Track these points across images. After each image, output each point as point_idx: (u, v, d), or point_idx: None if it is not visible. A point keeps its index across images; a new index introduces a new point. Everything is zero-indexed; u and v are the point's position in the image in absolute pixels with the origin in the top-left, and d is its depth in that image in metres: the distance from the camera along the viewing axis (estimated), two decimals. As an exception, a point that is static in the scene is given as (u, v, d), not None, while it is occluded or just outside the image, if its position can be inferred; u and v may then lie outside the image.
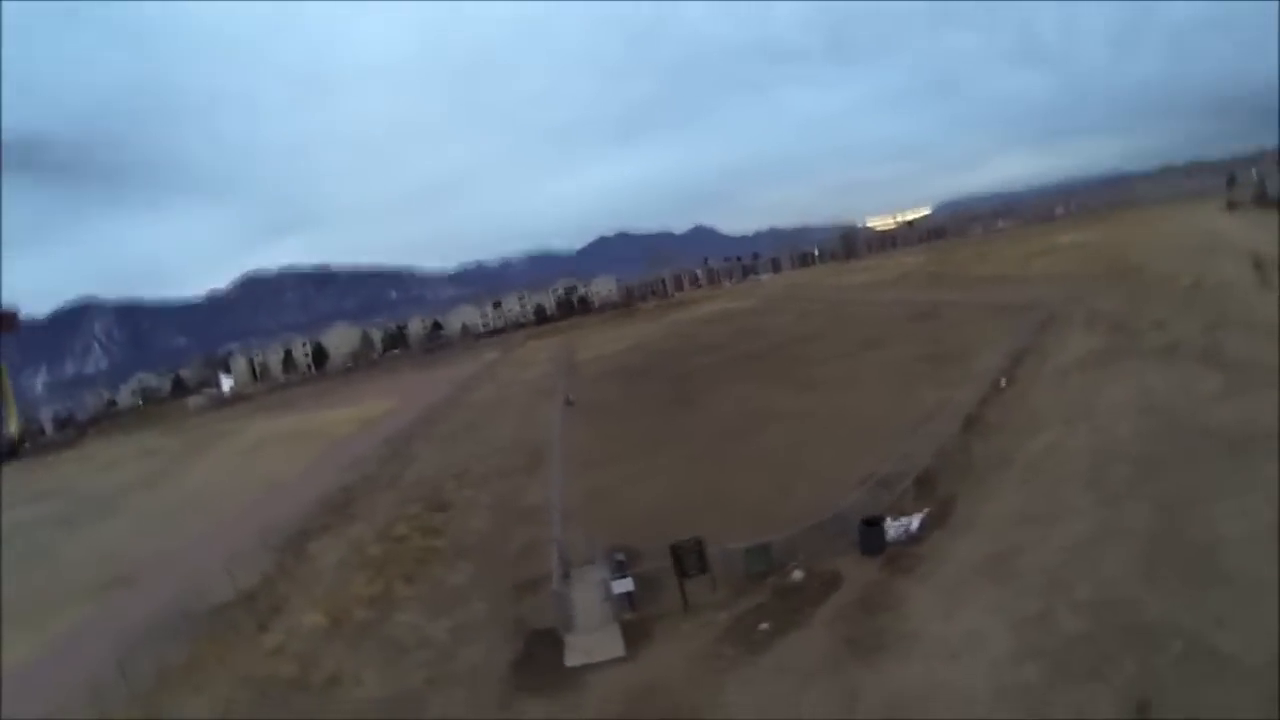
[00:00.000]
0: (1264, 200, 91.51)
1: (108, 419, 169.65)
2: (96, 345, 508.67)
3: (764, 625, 15.52)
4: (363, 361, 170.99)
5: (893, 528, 18.46)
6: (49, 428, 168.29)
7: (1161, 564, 14.54)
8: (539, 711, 14.21)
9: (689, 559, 16.91)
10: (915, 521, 18.86)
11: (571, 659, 15.71)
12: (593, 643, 16.06)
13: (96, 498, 54.25)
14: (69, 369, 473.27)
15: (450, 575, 22.62)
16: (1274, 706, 10.40)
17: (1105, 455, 20.82)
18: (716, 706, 13.26)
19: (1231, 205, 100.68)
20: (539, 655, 16.13)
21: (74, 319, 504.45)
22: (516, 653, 16.59)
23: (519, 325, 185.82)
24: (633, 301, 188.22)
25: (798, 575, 17.16)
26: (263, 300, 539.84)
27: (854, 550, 17.93)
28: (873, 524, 18.09)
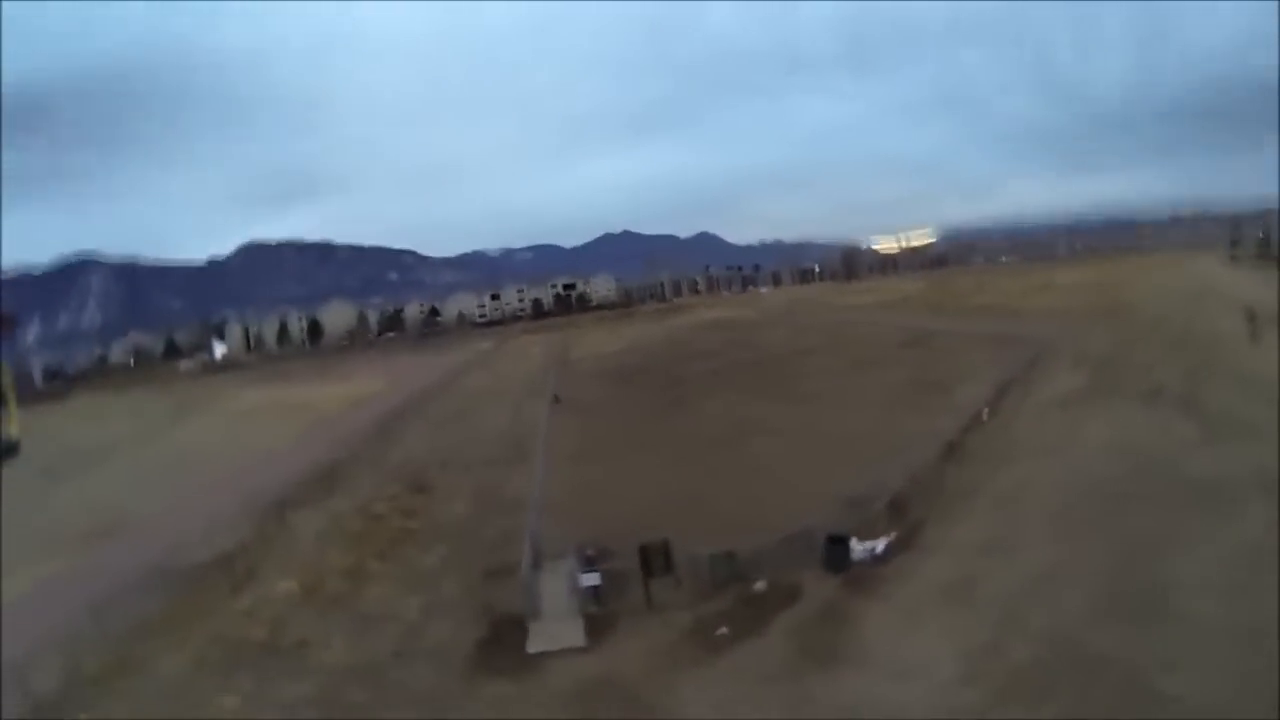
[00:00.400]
0: (1266, 255, 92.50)
1: (98, 375, 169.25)
2: (92, 301, 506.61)
3: (723, 630, 16.03)
4: (358, 340, 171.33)
5: (858, 548, 18.92)
6: (38, 379, 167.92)
7: (1116, 602, 14.97)
8: (498, 691, 14.74)
9: (655, 560, 17.46)
10: (881, 544, 19.35)
11: (534, 645, 16.26)
12: (556, 631, 16.60)
13: (82, 451, 54.39)
14: (63, 322, 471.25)
15: (424, 556, 23.15)
16: None
17: (1076, 491, 21.26)
18: (670, 703, 13.75)
19: (1234, 258, 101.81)
20: (503, 638, 16.68)
21: (72, 273, 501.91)
22: (482, 634, 17.12)
23: (516, 318, 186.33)
24: (631, 303, 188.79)
25: (760, 585, 17.68)
26: (262, 270, 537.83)
27: (819, 566, 18.36)
28: (838, 542, 18.55)
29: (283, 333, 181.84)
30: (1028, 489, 22.41)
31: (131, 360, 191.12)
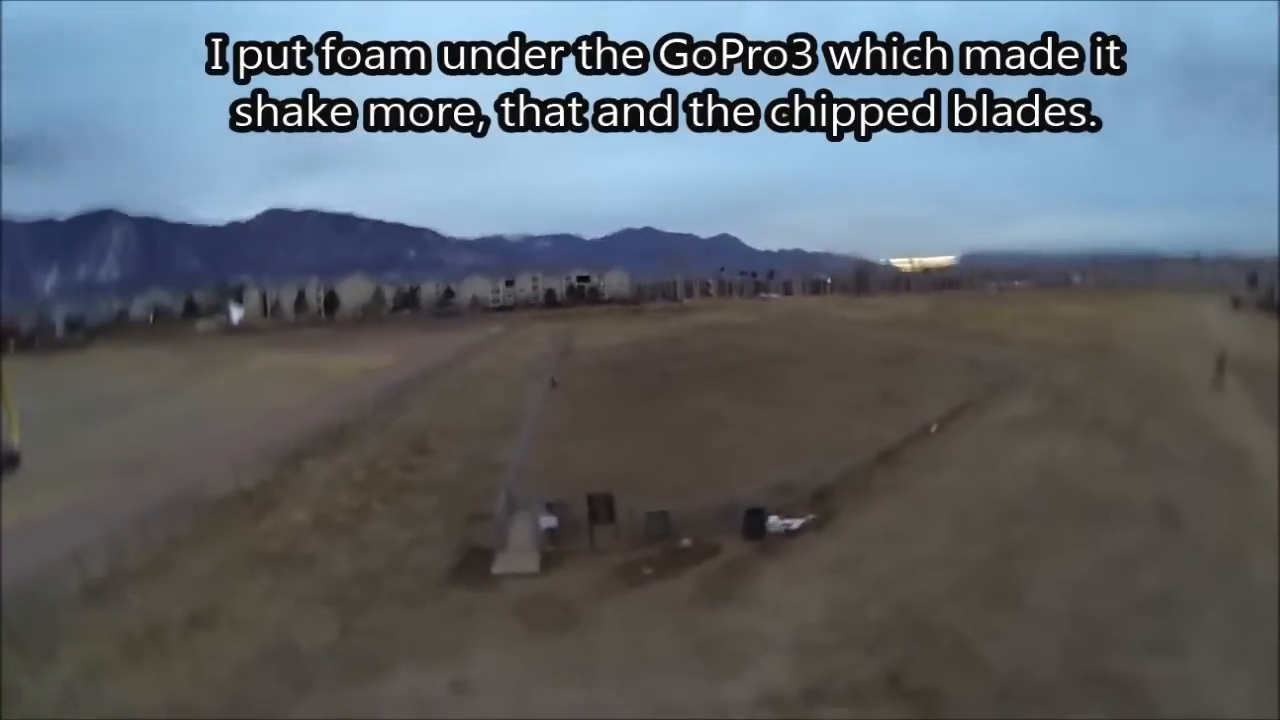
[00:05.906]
0: (1268, 305, 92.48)
1: (117, 328, 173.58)
2: (111, 254, 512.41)
3: (647, 570, 19.89)
4: (372, 315, 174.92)
5: (776, 522, 22.31)
6: (59, 328, 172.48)
7: (974, 587, 17.97)
8: (463, 597, 18.81)
9: (600, 508, 21.40)
10: (797, 522, 22.63)
11: (497, 569, 20.32)
12: (516, 560, 20.63)
13: (107, 397, 58.08)
14: (81, 273, 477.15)
15: (419, 502, 27.09)
16: (1004, 704, 13.29)
17: (983, 500, 24.16)
18: (592, 615, 17.65)
19: (1237, 303, 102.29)
20: (473, 563, 20.76)
21: (94, 224, 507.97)
22: (457, 560, 21.16)
23: (528, 305, 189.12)
24: (642, 300, 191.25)
25: (686, 541, 21.48)
26: (282, 236, 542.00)
27: (739, 533, 21.78)
28: (755, 513, 21.97)
29: (300, 301, 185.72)
30: (940, 494, 25.28)
31: (151, 317, 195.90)
